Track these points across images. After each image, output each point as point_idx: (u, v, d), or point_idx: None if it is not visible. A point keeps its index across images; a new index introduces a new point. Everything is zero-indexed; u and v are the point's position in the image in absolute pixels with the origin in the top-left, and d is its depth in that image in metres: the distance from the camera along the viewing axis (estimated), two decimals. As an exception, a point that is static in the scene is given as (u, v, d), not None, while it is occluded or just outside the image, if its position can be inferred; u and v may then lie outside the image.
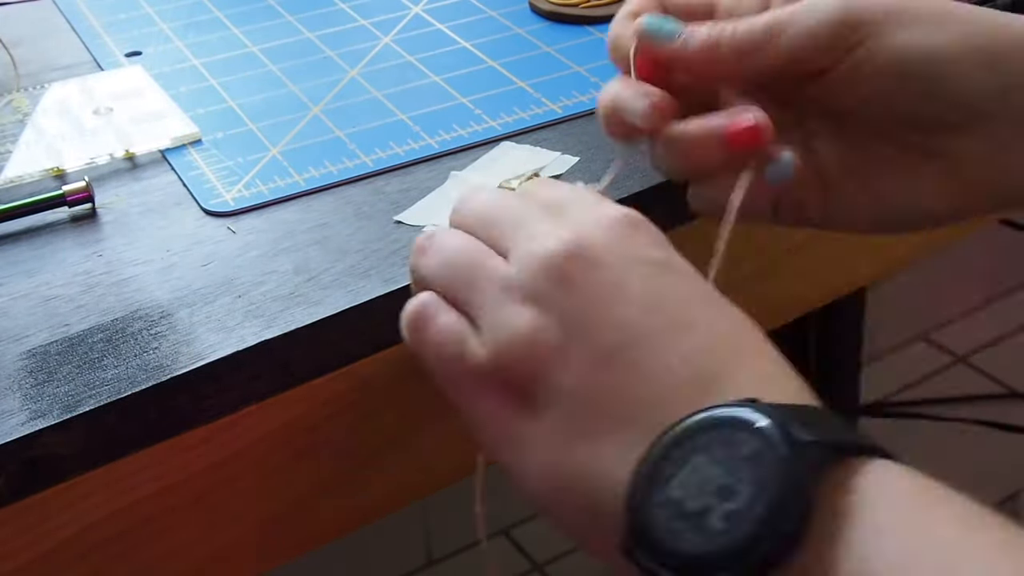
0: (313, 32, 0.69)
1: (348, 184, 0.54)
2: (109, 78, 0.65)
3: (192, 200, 0.54)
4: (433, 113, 0.60)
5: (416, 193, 0.53)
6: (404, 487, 0.52)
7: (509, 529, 1.34)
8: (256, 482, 0.47)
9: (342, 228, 0.51)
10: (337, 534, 0.51)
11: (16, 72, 0.66)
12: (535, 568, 1.31)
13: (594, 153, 0.55)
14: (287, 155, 0.57)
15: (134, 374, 0.43)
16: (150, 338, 0.45)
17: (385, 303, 0.47)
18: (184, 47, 0.69)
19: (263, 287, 0.47)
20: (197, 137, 0.59)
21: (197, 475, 0.45)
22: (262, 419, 0.46)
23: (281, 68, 0.65)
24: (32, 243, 0.52)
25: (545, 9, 0.69)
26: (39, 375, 0.43)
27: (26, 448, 0.41)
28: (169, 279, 0.48)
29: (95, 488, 0.43)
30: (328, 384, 0.47)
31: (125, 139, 0.58)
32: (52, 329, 0.46)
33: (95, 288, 0.48)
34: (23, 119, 0.61)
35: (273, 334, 0.45)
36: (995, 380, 1.50)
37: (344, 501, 0.50)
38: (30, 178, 0.56)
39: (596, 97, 0.59)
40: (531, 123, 0.58)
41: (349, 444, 0.49)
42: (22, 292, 0.48)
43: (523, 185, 0.45)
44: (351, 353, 0.47)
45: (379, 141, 0.57)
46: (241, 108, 0.61)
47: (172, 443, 0.44)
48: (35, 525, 0.42)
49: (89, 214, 0.53)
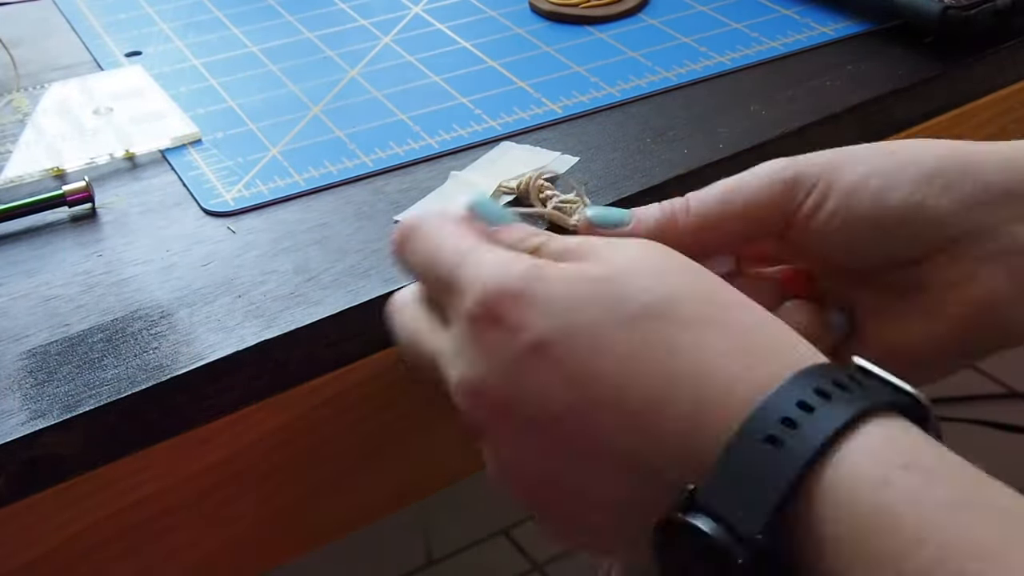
0: (313, 32, 0.69)
1: (348, 184, 0.54)
2: (109, 78, 0.65)
3: (192, 200, 0.54)
4: (433, 113, 0.60)
5: (416, 193, 0.53)
6: (404, 487, 0.52)
7: (509, 529, 1.34)
8: (256, 482, 0.47)
9: (342, 228, 0.51)
10: (337, 534, 0.51)
11: (16, 72, 0.66)
12: (535, 568, 1.31)
13: (594, 153, 0.55)
14: (287, 155, 0.57)
15: (134, 374, 0.43)
16: (150, 338, 0.45)
17: (385, 303, 0.47)
18: (184, 47, 0.69)
19: (263, 287, 0.47)
20: (197, 137, 0.59)
21: (197, 475, 0.45)
22: (262, 419, 0.46)
23: (281, 68, 0.65)
24: (32, 243, 0.52)
25: (545, 9, 0.69)
26: (39, 375, 0.43)
27: (26, 448, 0.41)
28: (169, 279, 0.48)
29: (95, 488, 0.43)
30: (328, 384, 0.47)
31: (125, 139, 0.58)
32: (52, 329, 0.46)
33: (95, 288, 0.48)
34: (23, 119, 0.61)
35: (273, 334, 0.45)
36: (995, 380, 1.49)
37: (344, 501, 0.50)
38: (30, 178, 0.56)
39: (596, 97, 0.60)
40: (531, 123, 0.58)
41: (349, 444, 0.49)
42: (22, 292, 0.48)
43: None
44: (351, 353, 0.47)
45: (379, 141, 0.57)
46: (241, 108, 0.61)
47: (172, 443, 0.44)
48: (35, 525, 0.42)
49: (89, 214, 0.53)
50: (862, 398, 0.32)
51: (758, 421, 0.32)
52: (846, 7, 0.67)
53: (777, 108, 0.58)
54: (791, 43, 0.64)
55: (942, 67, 0.61)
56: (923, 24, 0.62)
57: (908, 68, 0.61)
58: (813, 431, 0.31)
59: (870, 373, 0.34)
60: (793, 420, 0.32)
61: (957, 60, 0.61)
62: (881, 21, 0.65)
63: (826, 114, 0.57)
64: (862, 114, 0.58)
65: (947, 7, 0.60)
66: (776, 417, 0.32)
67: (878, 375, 0.34)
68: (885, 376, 0.33)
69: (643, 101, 0.60)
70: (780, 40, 0.64)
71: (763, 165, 0.43)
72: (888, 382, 0.33)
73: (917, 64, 0.61)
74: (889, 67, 0.61)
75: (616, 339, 0.35)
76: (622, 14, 0.68)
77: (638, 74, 0.62)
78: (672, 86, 0.61)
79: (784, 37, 0.65)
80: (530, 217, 0.49)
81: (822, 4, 0.68)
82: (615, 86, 0.61)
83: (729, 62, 0.63)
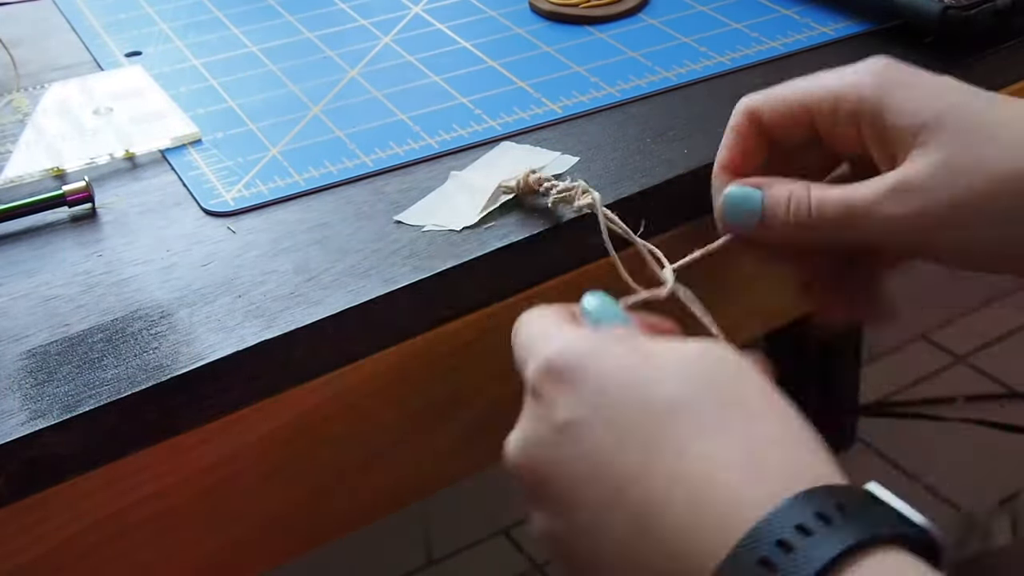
0: (313, 32, 0.69)
1: (348, 184, 0.54)
2: (109, 78, 0.65)
3: (192, 200, 0.54)
4: (433, 113, 0.60)
5: (416, 193, 0.53)
6: (404, 487, 0.52)
7: (509, 529, 1.34)
8: (256, 482, 0.47)
9: (342, 228, 0.51)
10: (337, 534, 0.51)
11: (16, 72, 0.66)
12: (535, 568, 1.31)
13: (594, 153, 0.55)
14: (287, 155, 0.57)
15: (134, 374, 0.43)
16: (150, 338, 0.45)
17: (385, 303, 0.47)
18: (184, 47, 0.69)
19: (263, 287, 0.47)
20: (197, 137, 0.59)
21: (197, 475, 0.45)
22: (262, 419, 0.46)
23: (281, 68, 0.65)
24: (32, 243, 0.52)
25: (545, 9, 0.69)
26: (39, 375, 0.43)
27: (26, 448, 0.41)
28: (169, 279, 0.48)
29: (95, 488, 0.43)
30: (328, 384, 0.47)
31: (125, 139, 0.58)
32: (52, 329, 0.46)
33: (95, 288, 0.48)
34: (23, 119, 0.61)
35: (273, 334, 0.45)
36: (995, 380, 1.49)
37: (344, 501, 0.50)
38: (30, 178, 0.56)
39: (596, 97, 0.60)
40: (531, 123, 0.58)
41: (349, 444, 0.49)
42: (22, 292, 0.48)
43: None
44: (351, 353, 0.47)
45: (379, 141, 0.57)
46: (241, 108, 0.61)
47: (172, 443, 0.44)
48: (35, 525, 0.42)
49: (89, 214, 0.53)
50: (864, 527, 0.31)
51: (753, 541, 0.31)
52: (846, 7, 0.67)
53: (777, 108, 0.58)
54: (791, 43, 0.64)
55: (942, 67, 0.61)
56: (923, 24, 0.62)
57: (908, 68, 0.61)
58: (806, 559, 0.30)
59: (880, 501, 0.33)
60: (789, 543, 0.31)
61: (957, 60, 0.61)
62: (881, 21, 0.65)
63: (826, 114, 0.57)
64: (862, 114, 0.58)
65: (947, 7, 0.60)
66: (772, 539, 0.31)
67: (888, 504, 0.33)
68: (895, 506, 0.33)
69: (643, 101, 0.60)
70: (780, 40, 0.64)
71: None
72: (898, 513, 0.32)
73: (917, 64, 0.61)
74: (889, 67, 0.61)
75: (634, 434, 0.35)
76: (622, 14, 0.68)
77: (638, 74, 0.62)
78: (672, 86, 0.61)
79: (784, 37, 0.65)
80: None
81: (822, 4, 0.68)
82: (615, 86, 0.61)
83: (729, 62, 0.63)
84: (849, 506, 0.32)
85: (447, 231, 0.50)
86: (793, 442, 0.35)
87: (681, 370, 0.36)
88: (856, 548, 0.31)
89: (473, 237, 0.50)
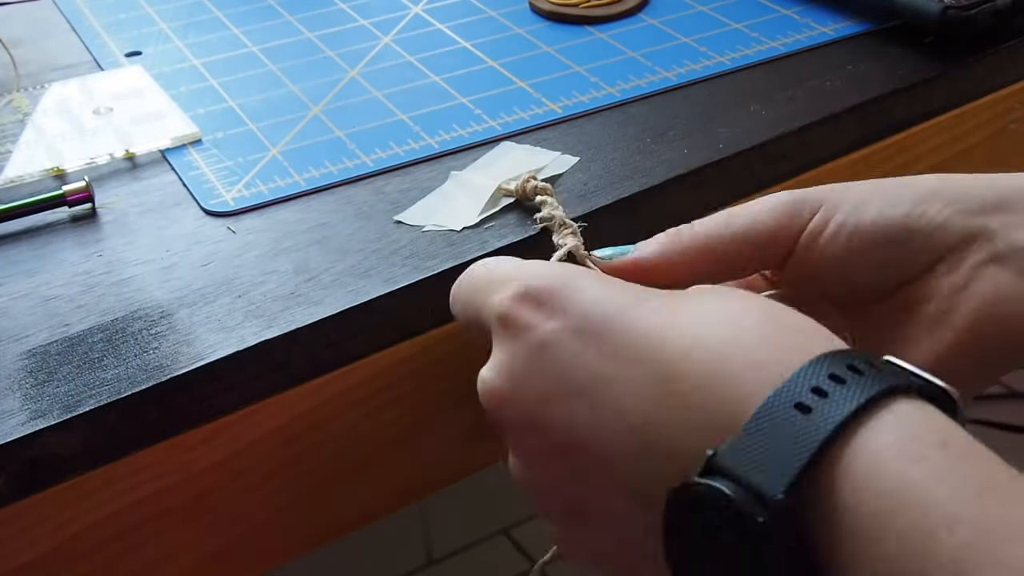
0: (313, 32, 0.69)
1: (348, 184, 0.54)
2: (109, 78, 0.65)
3: (192, 200, 0.54)
4: (433, 113, 0.60)
5: (416, 193, 0.53)
6: (404, 487, 0.52)
7: (509, 529, 1.34)
8: (256, 482, 0.47)
9: (342, 228, 0.51)
10: (337, 534, 0.51)
11: (16, 72, 0.66)
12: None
13: (594, 153, 0.55)
14: (287, 155, 0.57)
15: (134, 374, 0.43)
16: (150, 338, 0.45)
17: (385, 303, 0.47)
18: (184, 47, 0.69)
19: (263, 287, 0.47)
20: (197, 137, 0.59)
21: (197, 475, 0.45)
22: (262, 419, 0.46)
23: (281, 68, 0.65)
24: (32, 243, 0.52)
25: (545, 9, 0.69)
26: (39, 375, 0.43)
27: (26, 448, 0.41)
28: (169, 279, 0.48)
29: (95, 488, 0.43)
30: (328, 384, 0.47)
31: (125, 139, 0.58)
32: (52, 329, 0.46)
33: (95, 288, 0.48)
34: (23, 119, 0.61)
35: (273, 334, 0.45)
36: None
37: (344, 501, 0.50)
38: (30, 178, 0.56)
39: (596, 97, 0.60)
40: (531, 123, 0.58)
41: (349, 444, 0.49)
42: (22, 292, 0.48)
43: None
44: (351, 353, 0.47)
45: (379, 141, 0.57)
46: (241, 108, 0.61)
47: (172, 443, 0.44)
48: (35, 525, 0.42)
49: (89, 214, 0.53)
50: (894, 378, 0.32)
51: (787, 391, 0.32)
52: (846, 7, 0.67)
53: (777, 108, 0.58)
54: (791, 43, 0.64)
55: (942, 67, 0.61)
56: (923, 24, 0.62)
57: (908, 68, 0.61)
58: (844, 400, 0.31)
59: (900, 366, 0.34)
60: (824, 390, 0.31)
61: (957, 60, 0.61)
62: (881, 21, 0.65)
63: (826, 114, 0.57)
64: (862, 114, 0.58)
65: (947, 7, 0.60)
66: (807, 387, 0.32)
67: (908, 368, 0.34)
68: (914, 369, 0.33)
69: (643, 101, 0.60)
70: (780, 40, 0.64)
71: (768, 195, 0.44)
72: (917, 375, 0.33)
73: (917, 64, 0.61)
74: (889, 67, 0.61)
75: (629, 346, 0.36)
76: (622, 14, 0.68)
77: (638, 74, 0.62)
78: (672, 86, 0.61)
79: (784, 37, 0.65)
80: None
81: (822, 4, 0.68)
82: (615, 86, 0.61)
83: (729, 62, 0.63)
84: (876, 362, 0.33)
85: (447, 231, 0.50)
86: (802, 323, 0.36)
87: (668, 298, 0.37)
88: (888, 395, 0.31)
89: (473, 237, 0.50)
